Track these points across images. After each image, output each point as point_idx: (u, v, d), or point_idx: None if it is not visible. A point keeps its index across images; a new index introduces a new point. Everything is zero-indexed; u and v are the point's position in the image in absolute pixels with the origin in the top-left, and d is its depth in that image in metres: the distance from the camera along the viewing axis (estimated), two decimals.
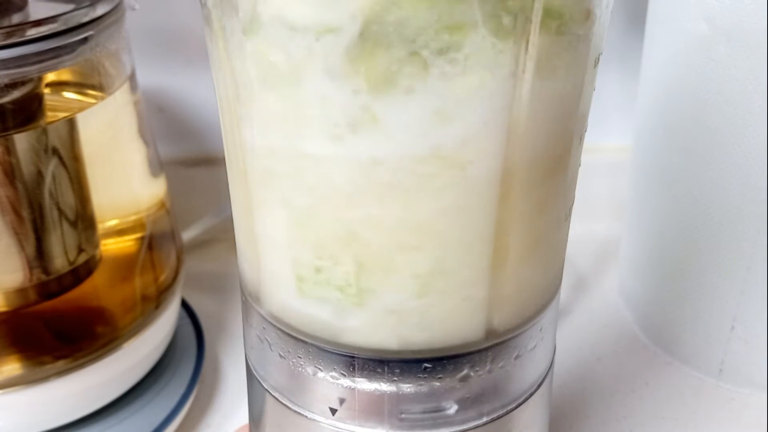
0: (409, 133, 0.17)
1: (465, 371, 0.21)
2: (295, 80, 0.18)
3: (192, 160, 0.54)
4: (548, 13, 0.17)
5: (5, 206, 0.32)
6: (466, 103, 0.17)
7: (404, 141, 0.18)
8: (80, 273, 0.35)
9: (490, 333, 0.21)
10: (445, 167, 0.18)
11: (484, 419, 0.22)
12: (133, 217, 0.38)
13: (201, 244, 0.53)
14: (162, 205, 0.40)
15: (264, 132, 0.19)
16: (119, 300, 0.37)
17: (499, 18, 0.17)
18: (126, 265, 0.38)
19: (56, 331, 0.35)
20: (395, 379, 0.21)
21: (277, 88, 0.18)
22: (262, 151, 0.20)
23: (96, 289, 0.36)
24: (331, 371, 0.21)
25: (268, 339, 0.22)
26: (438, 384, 0.21)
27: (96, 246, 0.36)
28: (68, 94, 0.35)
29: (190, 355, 0.41)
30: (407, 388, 0.21)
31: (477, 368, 0.21)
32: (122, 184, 0.38)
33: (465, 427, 0.22)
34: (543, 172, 0.20)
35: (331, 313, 0.20)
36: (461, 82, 0.17)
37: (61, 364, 0.33)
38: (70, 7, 0.31)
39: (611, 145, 0.55)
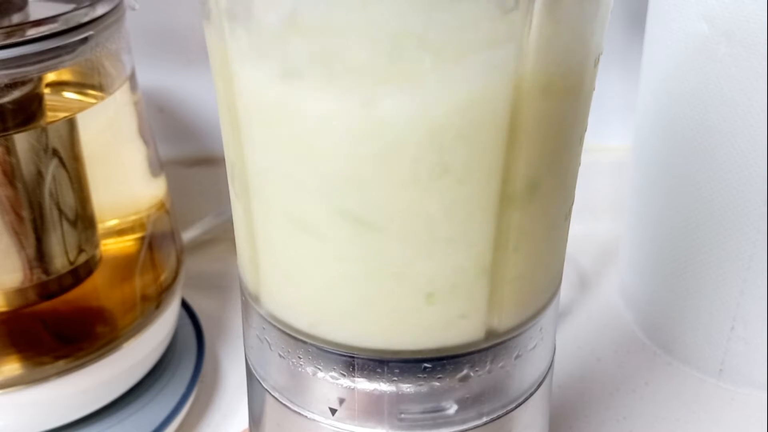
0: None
1: (465, 371, 0.21)
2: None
3: (192, 160, 0.54)
4: None
5: (5, 206, 0.31)
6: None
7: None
8: (80, 273, 0.35)
9: (490, 333, 0.21)
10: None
11: (484, 419, 0.22)
12: (133, 217, 0.38)
13: (201, 244, 0.53)
14: (162, 205, 0.39)
15: (262, 133, 0.19)
16: (119, 300, 0.37)
17: None
18: (126, 265, 0.38)
19: (56, 331, 0.35)
20: (395, 379, 0.21)
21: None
22: (261, 152, 0.19)
23: (96, 289, 0.36)
24: (331, 371, 0.21)
25: (268, 339, 0.22)
26: (438, 384, 0.21)
27: (96, 246, 0.36)
28: (68, 94, 0.35)
29: (190, 355, 0.41)
30: (407, 388, 0.21)
31: (477, 368, 0.21)
32: (122, 184, 0.38)
33: (465, 427, 0.22)
34: (544, 166, 0.20)
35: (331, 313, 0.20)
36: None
37: (61, 364, 0.33)
38: (70, 7, 0.31)
39: (611, 145, 0.55)
